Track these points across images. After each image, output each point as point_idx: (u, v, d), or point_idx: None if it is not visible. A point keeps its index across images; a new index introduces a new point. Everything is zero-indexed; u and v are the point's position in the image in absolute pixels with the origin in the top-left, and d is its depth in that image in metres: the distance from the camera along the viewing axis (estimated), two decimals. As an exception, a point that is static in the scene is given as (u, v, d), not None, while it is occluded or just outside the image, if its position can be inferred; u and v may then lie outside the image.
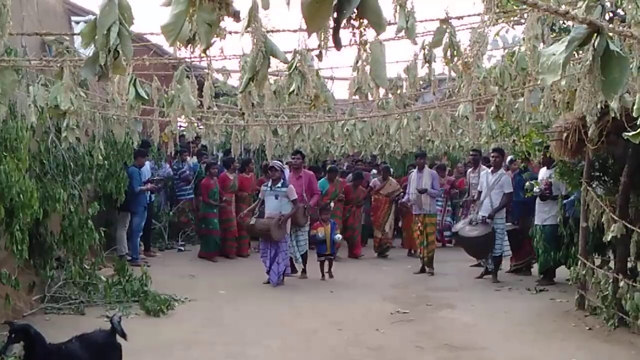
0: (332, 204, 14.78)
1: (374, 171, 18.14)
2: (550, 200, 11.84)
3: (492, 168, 13.00)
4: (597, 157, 9.46)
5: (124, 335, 6.33)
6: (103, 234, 10.89)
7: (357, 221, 16.07)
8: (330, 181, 15.45)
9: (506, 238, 12.58)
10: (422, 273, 13.52)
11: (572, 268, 10.31)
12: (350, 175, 16.68)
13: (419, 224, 13.60)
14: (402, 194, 15.47)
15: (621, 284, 8.39)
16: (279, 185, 12.25)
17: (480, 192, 12.94)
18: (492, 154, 13.46)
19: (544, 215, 11.99)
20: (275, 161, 12.90)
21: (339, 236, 13.39)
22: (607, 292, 8.86)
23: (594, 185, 9.70)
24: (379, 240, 16.08)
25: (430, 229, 13.63)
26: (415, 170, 14.26)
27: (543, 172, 12.26)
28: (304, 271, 13.07)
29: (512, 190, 12.55)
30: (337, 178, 15.77)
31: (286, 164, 14.56)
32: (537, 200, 12.03)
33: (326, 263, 13.05)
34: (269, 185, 12.42)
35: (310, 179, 13.58)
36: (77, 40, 9.88)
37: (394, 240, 16.79)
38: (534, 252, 12.61)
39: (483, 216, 12.47)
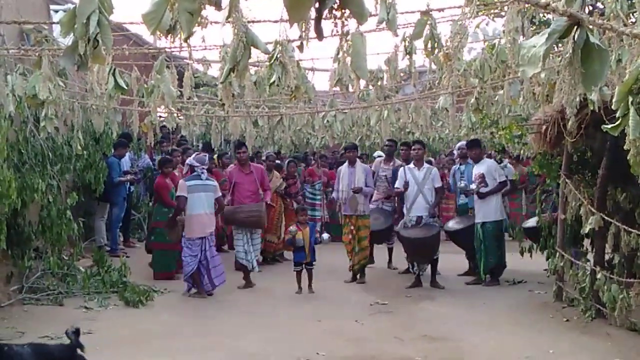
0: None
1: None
2: (489, 196, 11.45)
3: (413, 162, 11.76)
4: (576, 149, 9.52)
5: (80, 346, 5.87)
6: (82, 225, 10.84)
7: None
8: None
9: None
10: (352, 282, 11.88)
11: (550, 260, 10.34)
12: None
13: (351, 227, 11.76)
14: (285, 188, 13.93)
15: (598, 276, 8.46)
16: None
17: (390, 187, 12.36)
18: (413, 147, 11.94)
19: (483, 212, 11.48)
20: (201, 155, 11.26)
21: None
22: (585, 284, 8.93)
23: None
24: (274, 245, 13.62)
25: (363, 233, 11.78)
26: (345, 165, 12.26)
27: (476, 168, 11.83)
28: (248, 281, 11.36)
29: (441, 184, 11.73)
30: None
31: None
32: (475, 197, 11.63)
33: (305, 274, 11.08)
34: None
35: (262, 173, 12.19)
36: (56, 29, 9.83)
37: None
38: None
39: (419, 216, 11.38)
